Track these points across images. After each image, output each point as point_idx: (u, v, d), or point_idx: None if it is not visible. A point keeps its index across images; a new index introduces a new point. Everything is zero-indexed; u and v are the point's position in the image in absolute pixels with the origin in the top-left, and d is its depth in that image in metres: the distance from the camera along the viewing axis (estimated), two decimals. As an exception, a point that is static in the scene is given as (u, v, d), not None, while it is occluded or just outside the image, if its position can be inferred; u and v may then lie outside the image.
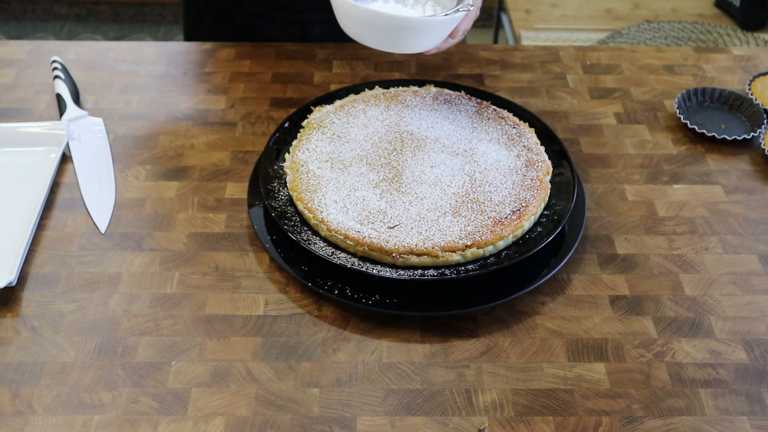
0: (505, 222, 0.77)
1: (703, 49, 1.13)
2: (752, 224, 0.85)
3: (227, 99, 1.01)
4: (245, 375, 0.69)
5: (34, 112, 0.98)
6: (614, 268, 0.79)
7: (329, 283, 0.75)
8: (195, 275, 0.78)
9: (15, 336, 0.72)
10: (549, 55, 1.11)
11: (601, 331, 0.73)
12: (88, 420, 0.65)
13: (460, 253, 0.74)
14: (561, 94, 1.04)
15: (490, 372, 0.70)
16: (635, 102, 1.02)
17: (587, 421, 0.66)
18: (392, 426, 0.66)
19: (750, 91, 1.01)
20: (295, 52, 1.10)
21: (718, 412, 0.67)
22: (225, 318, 0.74)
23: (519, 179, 0.82)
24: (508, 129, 0.88)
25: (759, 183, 0.90)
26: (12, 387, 0.68)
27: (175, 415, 0.66)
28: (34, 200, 0.83)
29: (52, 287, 0.76)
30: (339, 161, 0.84)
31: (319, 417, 0.66)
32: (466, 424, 0.66)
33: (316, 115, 0.90)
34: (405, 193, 0.80)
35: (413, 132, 0.88)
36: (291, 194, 0.80)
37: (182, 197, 0.86)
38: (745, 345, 0.72)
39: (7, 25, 2.93)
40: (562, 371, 0.70)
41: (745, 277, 0.79)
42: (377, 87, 0.95)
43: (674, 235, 0.83)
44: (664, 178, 0.90)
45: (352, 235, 0.75)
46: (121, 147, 0.93)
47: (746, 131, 0.97)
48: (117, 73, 1.05)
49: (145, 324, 0.73)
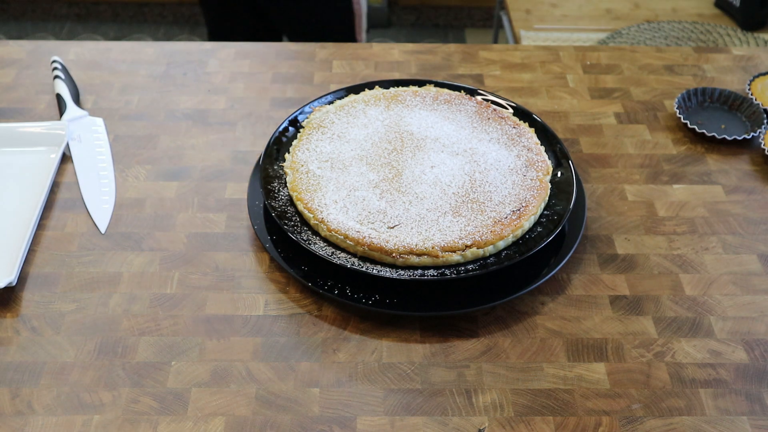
0: (505, 222, 0.77)
1: (703, 49, 1.13)
2: (752, 224, 0.85)
3: (227, 99, 1.01)
4: (245, 375, 0.69)
5: (34, 112, 0.98)
6: (614, 268, 0.79)
7: (329, 283, 0.75)
8: (195, 275, 0.78)
9: (15, 336, 0.72)
10: (549, 55, 1.11)
11: (601, 331, 0.73)
12: (88, 420, 0.65)
13: (460, 253, 0.74)
14: (561, 94, 1.04)
15: (490, 372, 0.70)
16: (635, 102, 1.02)
17: (587, 421, 0.66)
18: (392, 426, 0.66)
19: (750, 91, 1.01)
20: (295, 52, 1.10)
21: (718, 412, 0.67)
22: (225, 318, 0.74)
23: (519, 179, 0.82)
24: (508, 129, 0.88)
25: (759, 183, 0.90)
26: (12, 387, 0.68)
27: (175, 415, 0.66)
28: (34, 200, 0.83)
29: (52, 287, 0.76)
30: (339, 161, 0.84)
31: (319, 417, 0.66)
32: (466, 424, 0.66)
33: (316, 115, 0.90)
34: (405, 193, 0.80)
35: (413, 132, 0.88)
36: (291, 194, 0.80)
37: (182, 197, 0.86)
38: (745, 345, 0.72)
39: (7, 25, 2.93)
40: (562, 371, 0.70)
41: (745, 277, 0.79)
42: (377, 87, 0.95)
43: (674, 235, 0.83)
44: (664, 178, 0.90)
45: (352, 235, 0.75)
46: (121, 147, 0.93)
47: (746, 131, 0.97)
48: (117, 73, 1.05)
49: (145, 324, 0.73)
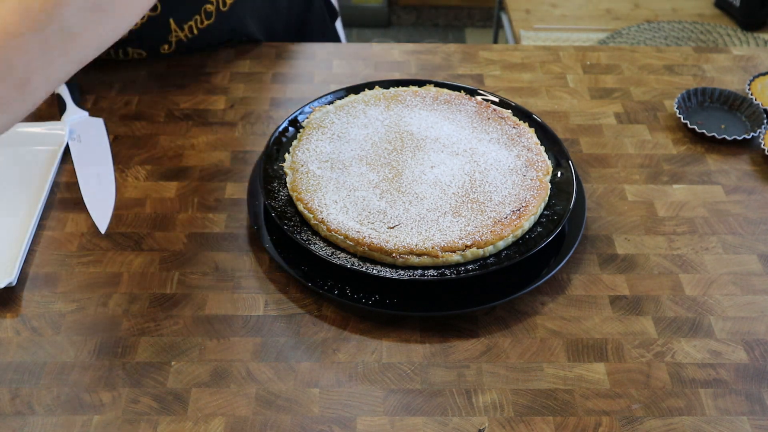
0: (504, 222, 0.77)
1: (703, 49, 1.13)
2: (752, 224, 0.85)
3: (227, 99, 1.01)
4: (245, 375, 0.69)
5: (34, 112, 0.98)
6: (614, 268, 0.79)
7: (329, 284, 0.75)
8: (195, 275, 0.78)
9: (15, 336, 0.72)
10: (549, 55, 1.11)
11: (601, 331, 0.73)
12: (87, 420, 0.65)
13: (460, 253, 0.74)
14: (561, 94, 1.04)
15: (490, 372, 0.70)
16: (635, 102, 1.02)
17: (587, 421, 0.66)
18: (392, 426, 0.66)
19: (750, 91, 1.01)
20: (295, 52, 1.10)
21: (718, 412, 0.67)
22: (225, 318, 0.74)
23: (519, 179, 0.82)
24: (508, 129, 0.88)
25: (759, 183, 0.90)
26: (12, 387, 0.68)
27: (175, 415, 0.66)
28: (34, 200, 0.83)
29: (52, 287, 0.76)
30: (339, 161, 0.84)
31: (319, 417, 0.66)
32: (466, 424, 0.66)
33: (316, 115, 0.90)
34: (405, 193, 0.80)
35: (413, 132, 0.88)
36: (291, 194, 0.80)
37: (182, 197, 0.86)
38: (745, 345, 0.72)
39: (7, 25, 2.92)
40: (562, 371, 0.70)
41: (745, 277, 0.79)
42: (377, 87, 0.95)
43: (674, 235, 0.83)
44: (664, 178, 0.90)
45: (352, 235, 0.75)
46: (121, 147, 0.93)
47: (746, 131, 0.97)
48: (117, 73, 1.05)
49: (145, 324, 0.73)
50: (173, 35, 1.02)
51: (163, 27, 1.02)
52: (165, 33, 1.02)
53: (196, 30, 1.03)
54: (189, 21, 1.02)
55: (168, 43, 1.03)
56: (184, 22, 1.02)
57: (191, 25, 1.02)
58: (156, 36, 1.02)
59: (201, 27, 1.03)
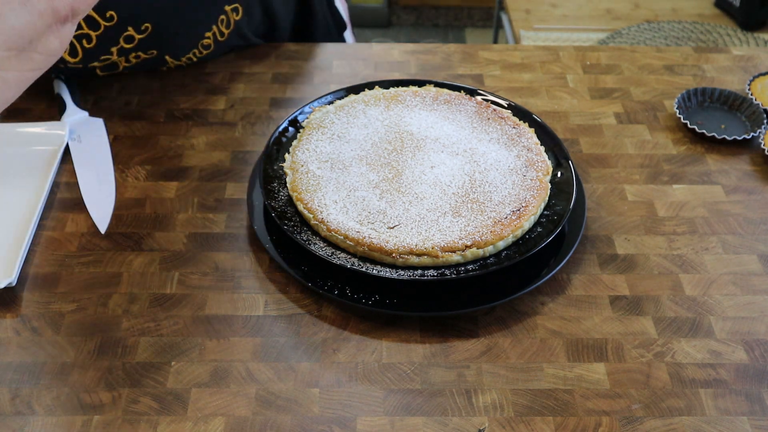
0: (504, 222, 0.77)
1: (703, 49, 1.13)
2: (752, 224, 0.85)
3: (227, 99, 1.01)
4: (245, 375, 0.69)
5: (34, 112, 0.98)
6: (614, 268, 0.79)
7: (329, 284, 0.75)
8: (195, 275, 0.78)
9: (15, 336, 0.72)
10: (549, 55, 1.11)
11: (601, 331, 0.73)
12: (87, 420, 0.65)
13: (460, 253, 0.74)
14: (561, 94, 1.04)
15: (490, 372, 0.70)
16: (635, 102, 1.02)
17: (587, 421, 0.66)
18: (392, 426, 0.66)
19: (750, 91, 1.01)
20: (295, 52, 1.10)
21: (718, 412, 0.67)
22: (225, 318, 0.74)
23: (519, 179, 0.82)
24: (508, 129, 0.88)
25: (759, 183, 0.90)
26: (12, 387, 0.68)
27: (175, 415, 0.66)
28: (34, 200, 0.83)
29: (52, 287, 0.76)
30: (339, 161, 0.84)
31: (319, 417, 0.66)
32: (466, 425, 0.66)
33: (316, 115, 0.90)
34: (405, 193, 0.80)
35: (413, 132, 0.88)
36: (291, 194, 0.80)
37: (182, 197, 0.86)
38: (745, 345, 0.72)
39: (7, 25, 2.93)
40: (562, 371, 0.70)
41: (745, 277, 0.79)
42: (377, 87, 0.95)
43: (674, 235, 0.83)
44: (664, 178, 0.90)
45: (352, 235, 0.75)
46: (121, 147, 0.93)
47: (746, 131, 0.97)
48: (117, 73, 1.05)
49: (145, 324, 0.73)
50: (171, 64, 1.03)
51: (160, 63, 1.02)
52: (162, 65, 1.03)
53: (195, 59, 1.04)
54: (187, 55, 1.02)
55: (167, 66, 1.04)
56: (180, 56, 1.02)
57: (189, 56, 1.03)
58: (152, 66, 1.03)
59: (200, 56, 1.04)
